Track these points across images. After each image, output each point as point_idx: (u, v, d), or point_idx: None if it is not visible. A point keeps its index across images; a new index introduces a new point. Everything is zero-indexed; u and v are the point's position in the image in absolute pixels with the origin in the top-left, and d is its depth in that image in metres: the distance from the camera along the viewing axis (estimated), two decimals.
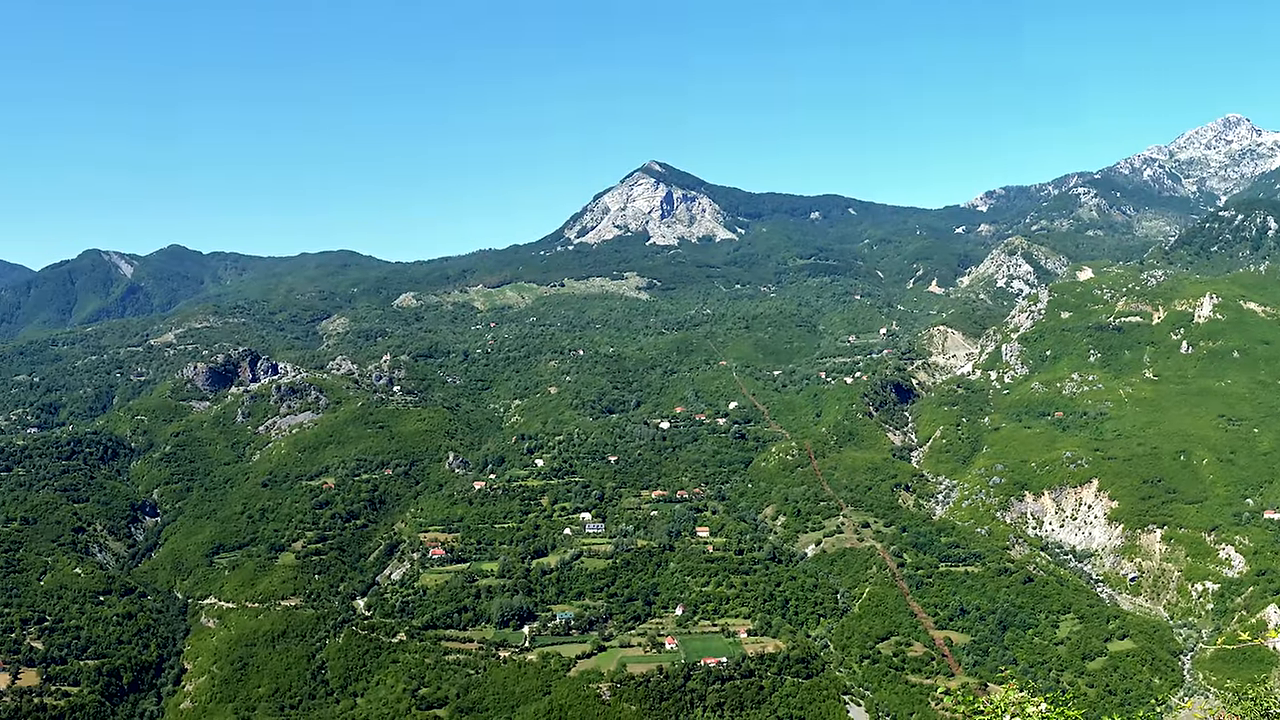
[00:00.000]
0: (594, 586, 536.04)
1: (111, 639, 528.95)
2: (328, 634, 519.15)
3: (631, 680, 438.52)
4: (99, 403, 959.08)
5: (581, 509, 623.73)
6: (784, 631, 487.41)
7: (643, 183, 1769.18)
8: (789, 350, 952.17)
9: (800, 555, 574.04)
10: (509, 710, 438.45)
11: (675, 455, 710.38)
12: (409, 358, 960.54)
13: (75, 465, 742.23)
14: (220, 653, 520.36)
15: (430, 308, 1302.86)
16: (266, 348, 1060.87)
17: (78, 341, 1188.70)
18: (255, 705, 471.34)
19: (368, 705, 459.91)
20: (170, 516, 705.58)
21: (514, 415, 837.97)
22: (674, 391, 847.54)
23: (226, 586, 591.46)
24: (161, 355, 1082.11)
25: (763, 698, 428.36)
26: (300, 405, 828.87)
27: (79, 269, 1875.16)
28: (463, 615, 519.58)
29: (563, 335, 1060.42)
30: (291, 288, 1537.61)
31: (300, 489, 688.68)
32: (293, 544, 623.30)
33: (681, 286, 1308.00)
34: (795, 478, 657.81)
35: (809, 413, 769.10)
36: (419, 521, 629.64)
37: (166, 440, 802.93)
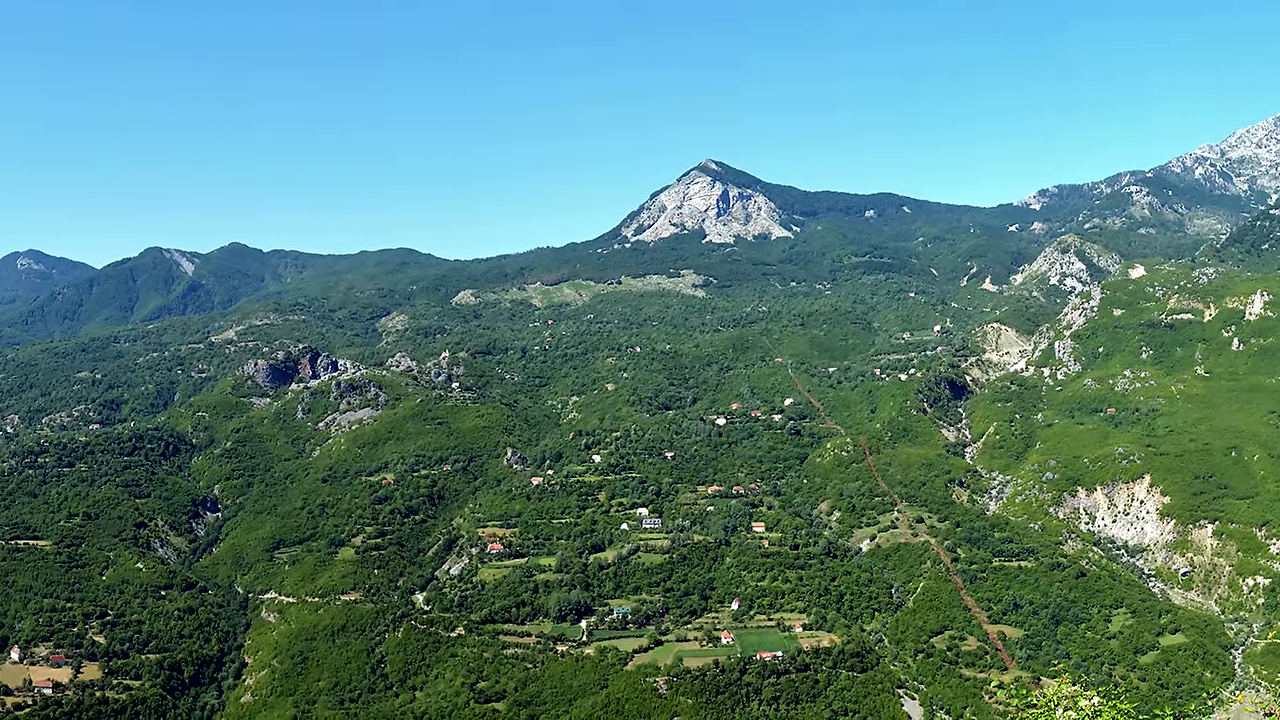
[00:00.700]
0: (651, 581, 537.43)
1: (173, 633, 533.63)
2: (387, 628, 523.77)
3: (688, 674, 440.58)
4: (160, 399, 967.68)
5: (638, 504, 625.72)
6: (839, 626, 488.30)
7: (699, 181, 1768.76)
8: (844, 347, 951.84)
9: (855, 550, 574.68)
10: (566, 704, 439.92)
11: (731, 451, 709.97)
12: (467, 354, 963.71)
13: (137, 461, 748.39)
14: (280, 647, 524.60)
15: (489, 305, 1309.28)
16: (326, 345, 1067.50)
17: (139, 338, 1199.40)
18: (315, 699, 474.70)
19: (427, 699, 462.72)
20: (231, 512, 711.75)
21: (572, 412, 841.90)
22: (730, 388, 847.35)
23: (287, 581, 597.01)
24: (222, 352, 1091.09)
25: (818, 691, 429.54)
26: (360, 402, 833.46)
27: (141, 267, 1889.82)
28: (521, 610, 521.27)
29: (620, 332, 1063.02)
30: (351, 285, 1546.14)
31: (360, 485, 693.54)
32: (352, 539, 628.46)
33: (737, 284, 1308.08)
34: (850, 473, 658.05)
35: (864, 409, 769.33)
36: (477, 517, 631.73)
37: (227, 436, 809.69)
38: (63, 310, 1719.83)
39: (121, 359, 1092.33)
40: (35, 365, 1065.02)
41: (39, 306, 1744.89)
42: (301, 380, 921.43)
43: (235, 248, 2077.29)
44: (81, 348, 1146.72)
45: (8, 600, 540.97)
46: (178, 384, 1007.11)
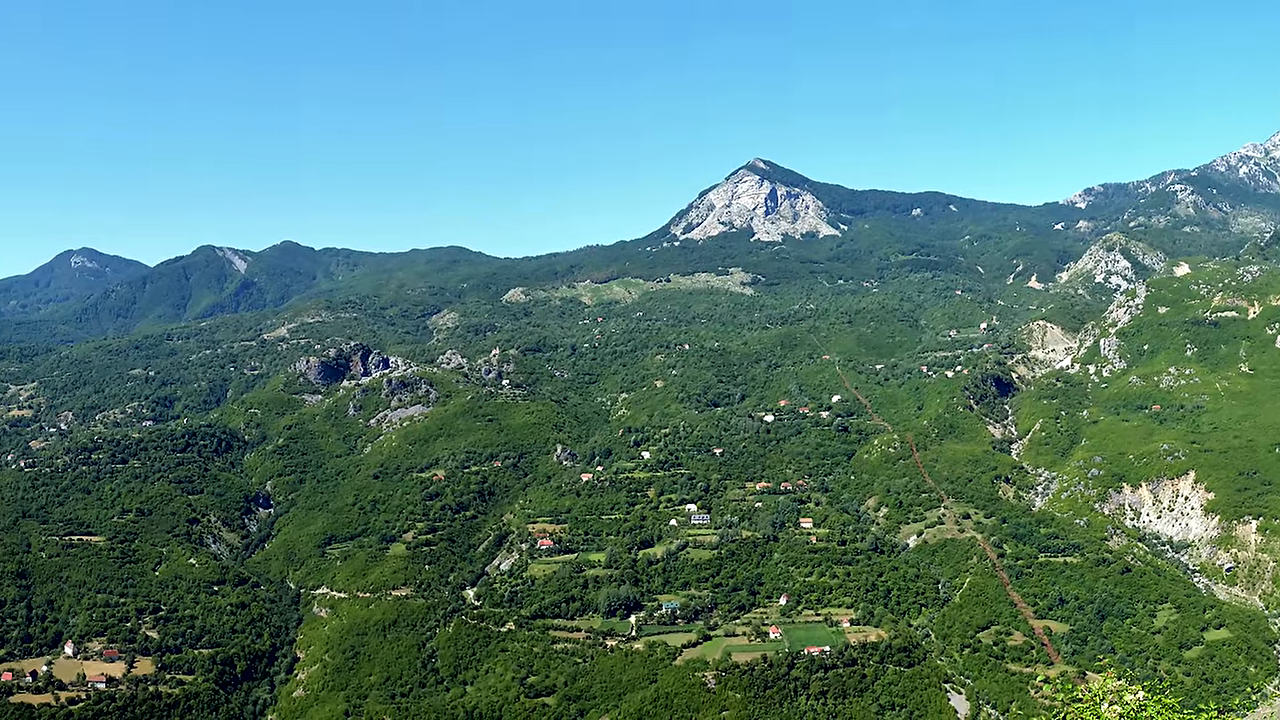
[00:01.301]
0: (699, 577, 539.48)
1: (225, 628, 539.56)
2: (438, 623, 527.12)
3: (736, 669, 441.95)
4: (213, 396, 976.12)
5: (687, 500, 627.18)
6: (886, 621, 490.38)
7: (747, 180, 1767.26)
8: (891, 344, 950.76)
9: (902, 546, 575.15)
10: (616, 698, 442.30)
11: (779, 448, 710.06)
12: (517, 352, 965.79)
13: (190, 458, 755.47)
14: (332, 642, 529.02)
15: (538, 303, 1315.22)
16: (378, 342, 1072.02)
17: (192, 336, 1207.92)
18: (366, 693, 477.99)
19: (477, 693, 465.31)
20: (283, 508, 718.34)
21: (621, 408, 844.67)
22: (778, 385, 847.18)
23: (338, 576, 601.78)
24: (274, 349, 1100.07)
25: (865, 686, 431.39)
26: (411, 398, 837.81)
27: (194, 265, 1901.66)
28: (570, 605, 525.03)
29: (669, 330, 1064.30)
30: (402, 283, 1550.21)
31: (411, 481, 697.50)
32: (403, 535, 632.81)
33: (785, 282, 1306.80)
34: (897, 470, 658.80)
35: (910, 406, 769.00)
36: (527, 513, 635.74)
37: (279, 433, 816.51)
38: (116, 308, 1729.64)
39: (174, 356, 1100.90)
40: (89, 362, 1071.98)
41: (93, 304, 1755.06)
42: (353, 377, 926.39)
43: (287, 246, 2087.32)
44: (135, 345, 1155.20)
45: (62, 595, 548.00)
46: (230, 381, 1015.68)
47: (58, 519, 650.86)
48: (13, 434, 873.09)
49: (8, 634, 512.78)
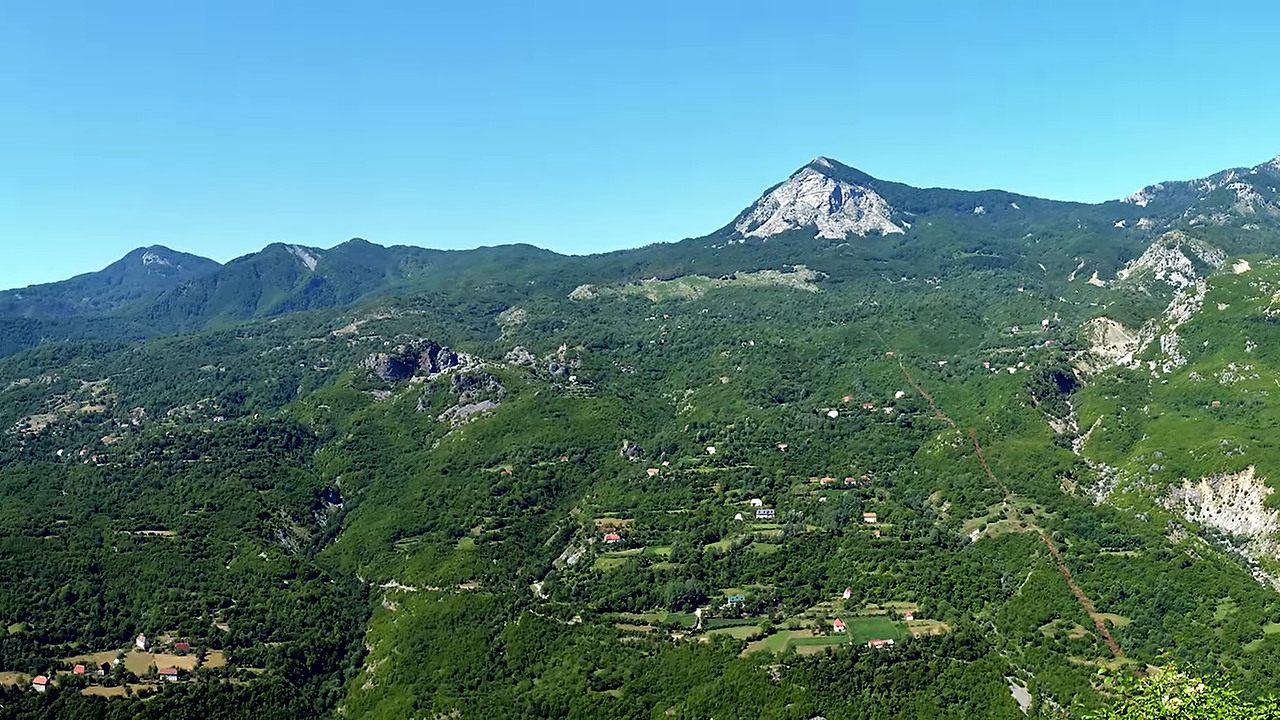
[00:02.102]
0: (764, 570, 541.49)
1: (295, 621, 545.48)
2: (506, 617, 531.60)
3: (801, 662, 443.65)
4: (283, 392, 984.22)
5: (752, 495, 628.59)
6: (949, 614, 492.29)
7: (811, 178, 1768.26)
8: (954, 341, 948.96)
9: (965, 540, 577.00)
10: (682, 691, 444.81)
11: (843, 443, 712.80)
12: (585, 348, 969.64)
13: (260, 453, 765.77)
14: (401, 635, 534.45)
15: (605, 299, 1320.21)
16: (446, 338, 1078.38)
17: (263, 333, 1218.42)
18: (435, 686, 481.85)
19: (545, 686, 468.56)
20: (353, 503, 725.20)
21: (687, 404, 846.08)
22: (842, 381, 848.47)
23: (407, 570, 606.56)
24: (344, 346, 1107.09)
25: (928, 679, 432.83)
26: (479, 394, 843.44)
27: (264, 262, 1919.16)
28: (637, 598, 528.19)
29: (734, 326, 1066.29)
30: (470, 280, 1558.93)
31: (479, 476, 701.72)
32: (472, 529, 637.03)
33: (849, 279, 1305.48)
34: (960, 465, 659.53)
35: (973, 402, 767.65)
36: (594, 507, 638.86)
37: (349, 428, 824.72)
38: (187, 305, 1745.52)
39: (245, 353, 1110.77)
40: (160, 359, 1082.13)
41: (164, 301, 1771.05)
42: (422, 373, 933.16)
43: (357, 243, 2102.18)
44: (206, 342, 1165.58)
45: (134, 589, 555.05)
46: (300, 377, 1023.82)
47: (129, 514, 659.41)
48: (85, 430, 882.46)
49: (80, 627, 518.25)
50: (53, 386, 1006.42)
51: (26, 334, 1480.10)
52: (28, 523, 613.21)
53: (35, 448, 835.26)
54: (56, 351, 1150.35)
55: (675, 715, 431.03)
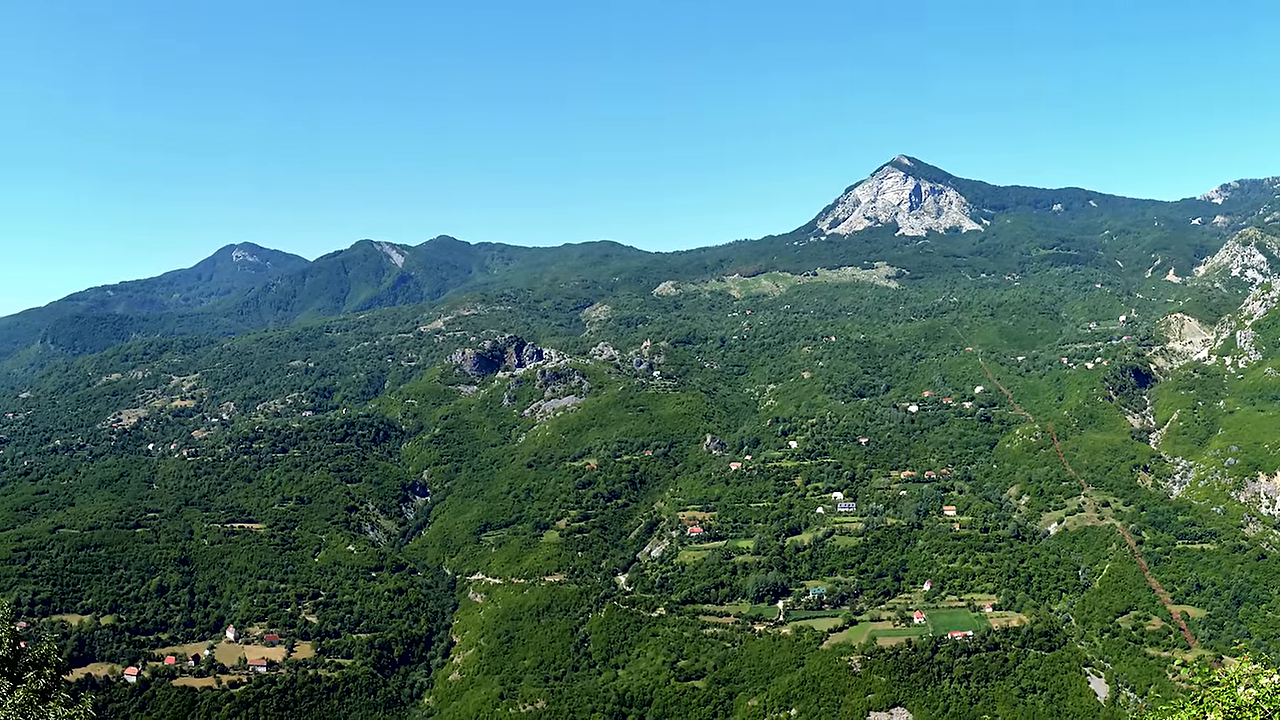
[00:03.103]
0: (845, 563, 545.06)
1: (383, 613, 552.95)
2: (590, 609, 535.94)
3: (881, 653, 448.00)
4: (371, 387, 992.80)
5: (833, 489, 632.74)
6: (1027, 606, 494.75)
7: (892, 176, 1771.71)
8: (1032, 336, 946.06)
9: (1043, 533, 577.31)
10: (764, 682, 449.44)
11: (923, 437, 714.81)
12: (668, 344, 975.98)
13: (348, 447, 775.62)
14: (487, 626, 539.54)
15: (688, 296, 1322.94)
16: (531, 334, 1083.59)
17: (350, 328, 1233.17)
18: (520, 677, 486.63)
19: (629, 677, 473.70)
20: (439, 496, 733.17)
21: (769, 399, 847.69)
22: (922, 376, 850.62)
23: (493, 563, 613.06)
24: (431, 341, 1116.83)
25: (1007, 670, 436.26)
26: (564, 389, 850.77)
27: (352, 259, 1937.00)
28: (719, 591, 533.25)
29: (815, 322, 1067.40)
30: (555, 277, 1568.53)
31: (564, 469, 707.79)
32: (557, 522, 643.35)
33: (929, 275, 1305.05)
34: (1038, 459, 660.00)
35: (1051, 396, 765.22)
36: (677, 501, 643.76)
37: (436, 423, 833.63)
38: (276, 301, 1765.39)
39: (333, 348, 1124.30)
40: (250, 354, 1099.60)
41: (254, 297, 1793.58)
42: (508, 368, 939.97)
43: (444, 240, 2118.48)
44: (295, 337, 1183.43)
45: (224, 581, 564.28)
46: (388, 372, 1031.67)
47: (219, 507, 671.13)
48: (176, 424, 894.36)
49: (171, 619, 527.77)
50: (144, 381, 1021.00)
51: (118, 330, 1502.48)
52: (119, 516, 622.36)
53: (126, 442, 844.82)
54: (148, 347, 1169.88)
55: (757, 706, 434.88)
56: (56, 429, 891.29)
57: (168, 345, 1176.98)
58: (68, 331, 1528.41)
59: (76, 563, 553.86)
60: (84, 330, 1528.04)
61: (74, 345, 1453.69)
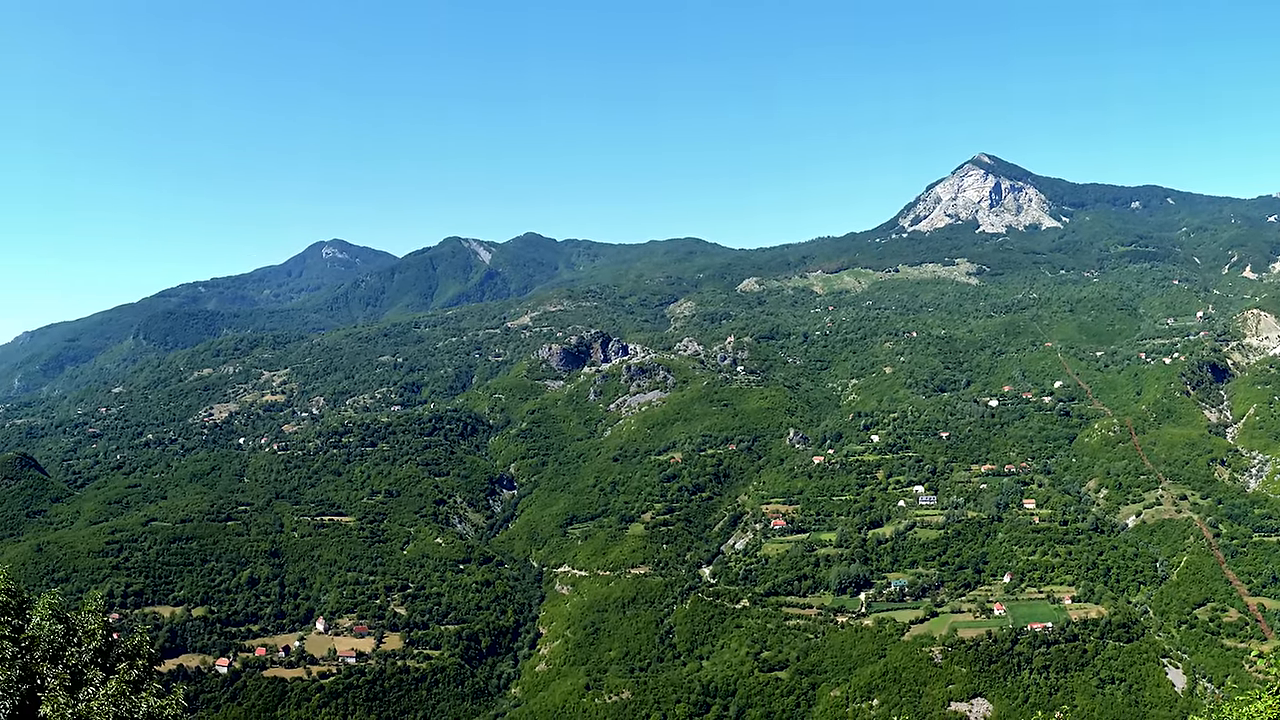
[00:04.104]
0: (926, 555, 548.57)
1: (471, 605, 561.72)
2: (675, 600, 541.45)
3: (962, 644, 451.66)
4: (458, 382, 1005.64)
5: (915, 482, 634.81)
6: (1106, 598, 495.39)
7: (972, 174, 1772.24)
8: (1110, 332, 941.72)
9: (1121, 526, 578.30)
10: (846, 672, 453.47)
11: (1003, 431, 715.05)
12: (751, 339, 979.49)
13: (436, 441, 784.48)
14: (573, 618, 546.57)
15: (771, 292, 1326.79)
16: (617, 330, 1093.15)
17: (438, 324, 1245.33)
18: (606, 667, 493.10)
19: (713, 667, 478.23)
20: (526, 489, 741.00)
21: (851, 394, 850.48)
22: (1002, 371, 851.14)
23: (579, 555, 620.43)
24: (518, 337, 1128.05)
25: (1085, 660, 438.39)
26: (649, 384, 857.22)
27: (440, 255, 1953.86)
28: (802, 582, 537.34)
29: (897, 318, 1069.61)
30: (640, 273, 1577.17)
31: (649, 463, 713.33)
32: (642, 515, 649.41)
33: (1009, 272, 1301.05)
34: (1116, 453, 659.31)
35: (1129, 391, 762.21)
36: (761, 494, 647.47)
37: (523, 417, 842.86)
38: (365, 297, 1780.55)
39: (421, 344, 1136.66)
40: (339, 349, 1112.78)
41: (343, 293, 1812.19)
42: (593, 364, 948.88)
43: (530, 237, 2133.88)
44: (384, 333, 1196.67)
45: (313, 573, 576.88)
46: (475, 367, 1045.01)
47: (309, 500, 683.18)
48: (266, 418, 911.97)
49: (261, 611, 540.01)
50: (235, 376, 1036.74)
51: (209, 326, 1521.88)
52: (210, 509, 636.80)
53: (218, 436, 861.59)
54: (238, 343, 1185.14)
55: (840, 696, 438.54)
56: (149, 423, 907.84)
57: (258, 341, 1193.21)
58: (160, 327, 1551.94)
59: (169, 555, 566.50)
60: (175, 326, 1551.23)
61: (166, 341, 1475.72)
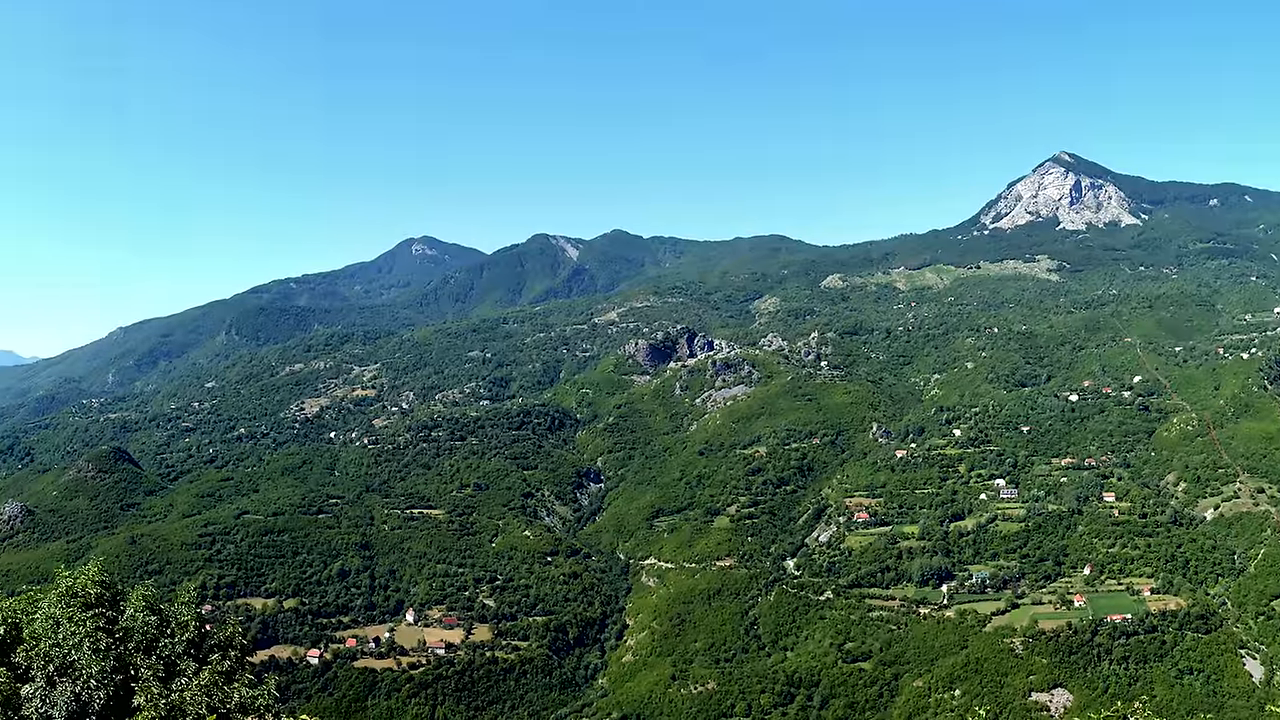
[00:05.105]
0: (1007, 548, 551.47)
1: (558, 597, 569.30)
2: (760, 592, 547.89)
3: (1042, 635, 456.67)
4: (546, 377, 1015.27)
5: (996, 476, 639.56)
6: (1184, 590, 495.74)
7: (1053, 172, 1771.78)
8: (1189, 328, 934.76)
9: (1199, 519, 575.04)
10: (929, 663, 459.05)
11: (1083, 425, 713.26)
12: (835, 335, 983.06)
13: (524, 435, 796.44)
14: (660, 609, 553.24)
15: (855, 288, 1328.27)
16: (702, 325, 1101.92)
17: (526, 320, 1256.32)
18: (692, 658, 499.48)
19: (797, 658, 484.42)
20: (613, 483, 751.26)
21: (933, 388, 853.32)
22: (1082, 366, 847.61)
23: (665, 548, 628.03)
24: (604, 332, 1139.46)
25: (1164, 651, 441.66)
26: (734, 379, 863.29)
27: (528, 252, 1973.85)
28: (885, 575, 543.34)
29: (978, 314, 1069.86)
30: (726, 270, 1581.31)
31: (734, 457, 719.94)
32: (727, 508, 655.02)
33: (1088, 269, 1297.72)
34: (1195, 446, 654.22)
35: (1207, 386, 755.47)
36: (844, 487, 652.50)
37: (609, 412, 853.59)
38: (454, 293, 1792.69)
39: (510, 339, 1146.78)
40: (429, 345, 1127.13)
41: (432, 290, 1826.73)
42: (679, 359, 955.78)
43: (616, 234, 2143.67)
44: (472, 328, 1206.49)
45: (403, 565, 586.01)
46: (562, 363, 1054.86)
47: (399, 493, 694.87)
48: (357, 413, 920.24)
49: (352, 602, 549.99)
50: (326, 371, 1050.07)
51: (301, 322, 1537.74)
52: (302, 502, 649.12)
53: (309, 430, 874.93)
54: (329, 338, 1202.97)
55: (922, 687, 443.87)
56: (241, 418, 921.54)
57: (349, 336, 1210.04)
58: (251, 323, 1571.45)
59: (260, 548, 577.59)
60: (267, 322, 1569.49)
61: (257, 336, 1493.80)
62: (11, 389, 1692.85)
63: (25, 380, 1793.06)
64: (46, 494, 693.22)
